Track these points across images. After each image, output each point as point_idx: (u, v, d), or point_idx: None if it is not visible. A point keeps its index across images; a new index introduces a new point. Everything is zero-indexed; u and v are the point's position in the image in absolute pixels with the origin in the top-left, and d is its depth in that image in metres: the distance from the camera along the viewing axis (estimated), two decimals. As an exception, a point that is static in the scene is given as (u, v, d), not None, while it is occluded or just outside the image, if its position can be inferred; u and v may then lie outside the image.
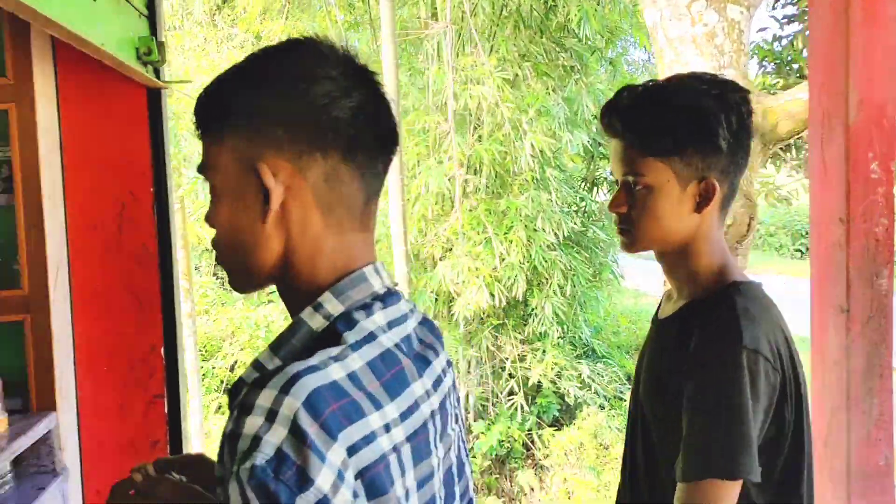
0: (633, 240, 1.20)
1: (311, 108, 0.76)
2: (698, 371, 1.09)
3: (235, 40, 8.78)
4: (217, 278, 10.35)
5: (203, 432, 7.59)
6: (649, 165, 1.15)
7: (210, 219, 0.81)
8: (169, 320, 2.34)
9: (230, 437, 0.67)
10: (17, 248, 2.12)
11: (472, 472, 0.95)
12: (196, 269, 10.20)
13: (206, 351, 9.37)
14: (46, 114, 2.13)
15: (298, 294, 0.79)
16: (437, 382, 0.86)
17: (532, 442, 8.17)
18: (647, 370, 1.25)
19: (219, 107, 0.79)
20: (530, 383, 8.06)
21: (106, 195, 2.29)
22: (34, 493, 1.65)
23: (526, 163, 7.43)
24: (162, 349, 2.33)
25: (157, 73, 2.25)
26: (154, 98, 2.28)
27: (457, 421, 0.90)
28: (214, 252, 0.83)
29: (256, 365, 0.76)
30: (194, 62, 8.27)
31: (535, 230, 7.60)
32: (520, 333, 8.28)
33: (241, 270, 0.81)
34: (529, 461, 8.17)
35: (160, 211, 2.34)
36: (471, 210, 7.75)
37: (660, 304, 1.33)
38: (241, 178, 0.77)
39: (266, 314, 9.27)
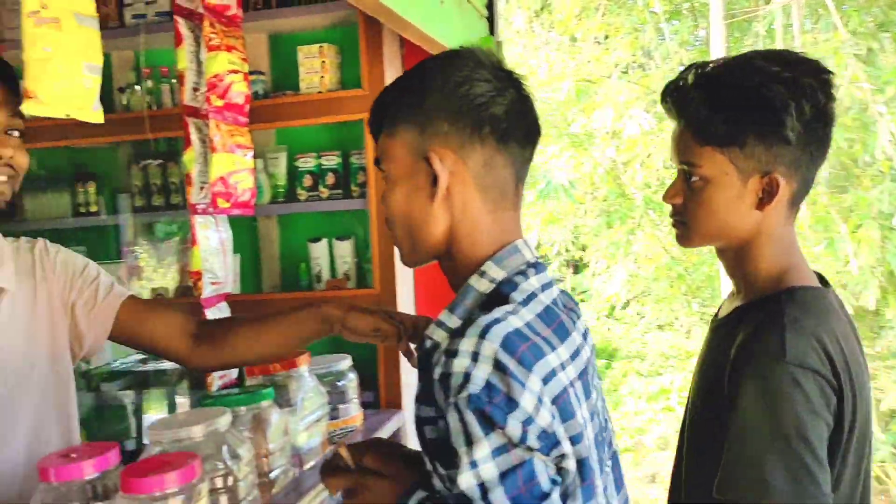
0: (686, 233, 1.13)
1: (471, 105, 0.90)
2: (739, 386, 1.00)
3: (551, 45, 8.85)
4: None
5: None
6: (706, 156, 1.06)
7: (386, 202, 0.96)
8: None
9: (442, 378, 0.82)
10: (369, 249, 2.27)
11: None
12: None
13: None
14: (395, 122, 2.24)
15: (459, 265, 0.94)
16: (586, 335, 1.01)
17: (887, 476, 6.99)
18: (697, 374, 1.18)
19: (395, 107, 0.95)
20: (883, 406, 6.89)
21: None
22: (387, 488, 1.71)
23: (882, 150, 6.36)
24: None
25: (493, 73, 2.25)
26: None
27: (598, 377, 1.03)
28: (390, 230, 0.99)
29: (438, 322, 0.92)
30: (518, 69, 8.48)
31: (891, 229, 6.48)
32: (869, 348, 7.14)
33: (411, 245, 0.96)
34: (884, 498, 7.00)
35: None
36: (813, 204, 6.86)
37: (722, 303, 1.24)
38: (413, 165, 0.93)
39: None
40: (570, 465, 0.83)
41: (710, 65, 1.09)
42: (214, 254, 1.57)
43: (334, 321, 1.27)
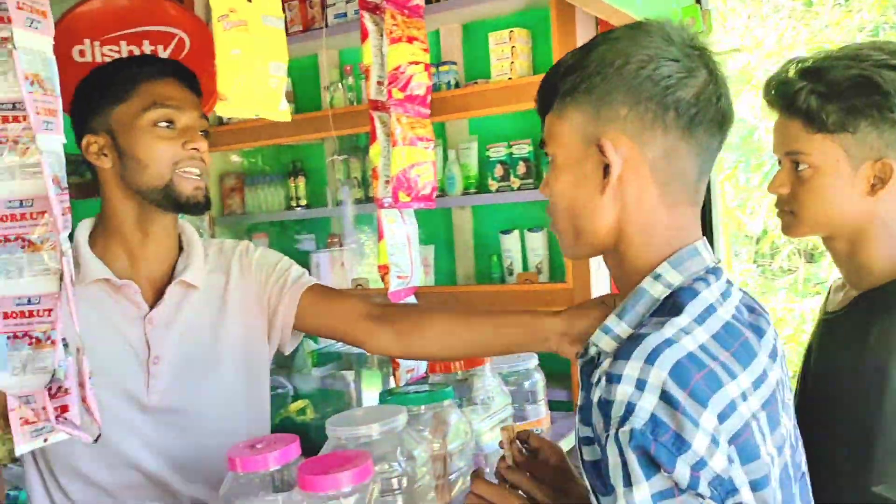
0: (795, 223, 1.13)
1: (656, 88, 0.80)
2: (888, 374, 1.00)
3: (781, 12, 8.05)
4: (757, 266, 9.79)
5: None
6: (816, 143, 1.06)
7: (549, 188, 0.89)
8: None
9: (602, 404, 0.74)
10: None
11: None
12: (735, 255, 9.80)
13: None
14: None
15: (628, 265, 0.86)
16: (773, 352, 0.89)
17: None
18: (817, 370, 1.16)
19: (567, 85, 0.85)
20: None
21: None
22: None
23: None
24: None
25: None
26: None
27: (790, 390, 0.93)
28: (551, 217, 0.91)
29: (605, 329, 0.83)
30: (738, 41, 7.86)
31: None
32: None
33: (573, 236, 0.88)
34: None
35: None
36: None
37: (827, 295, 1.23)
38: (583, 151, 0.84)
39: (813, 307, 8.36)
40: None
41: (811, 59, 1.10)
42: (400, 248, 1.56)
43: (551, 335, 1.16)
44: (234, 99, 1.25)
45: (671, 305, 0.80)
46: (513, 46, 2.19)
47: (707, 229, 2.14)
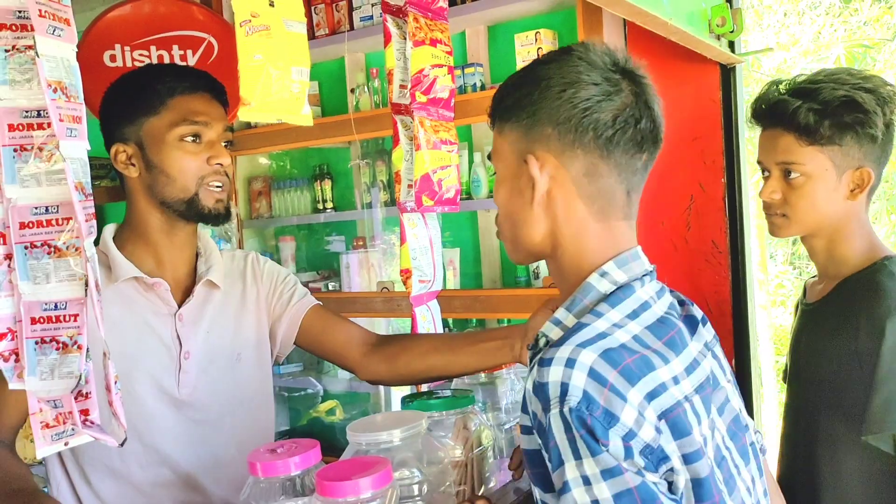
0: (787, 225, 1.29)
1: (574, 110, 0.85)
2: (882, 337, 1.17)
3: (819, 8, 7.90)
4: (794, 268, 9.61)
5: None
6: (809, 155, 1.23)
7: (495, 198, 0.96)
8: (739, 323, 2.08)
9: (537, 387, 0.79)
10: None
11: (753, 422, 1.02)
12: (771, 257, 9.64)
13: (783, 343, 8.79)
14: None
15: (566, 270, 0.92)
16: (707, 345, 0.96)
17: None
18: (809, 354, 1.33)
19: (505, 103, 0.91)
20: None
21: (674, 188, 2.14)
22: None
23: None
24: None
25: (731, 46, 1.99)
26: (727, 75, 2.04)
27: (726, 375, 0.98)
28: (497, 226, 0.99)
29: (554, 320, 0.89)
30: (774, 38, 7.72)
31: None
32: None
33: (513, 243, 0.95)
34: None
35: (731, 203, 2.08)
36: None
37: (804, 291, 1.42)
38: (517, 166, 0.90)
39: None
40: (680, 481, 0.78)
41: (799, 81, 1.28)
42: (423, 251, 1.55)
43: (517, 343, 1.29)
44: (256, 104, 1.26)
45: (613, 299, 0.86)
46: (539, 48, 2.18)
47: (739, 232, 2.10)
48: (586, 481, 0.75)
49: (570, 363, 0.77)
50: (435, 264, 1.58)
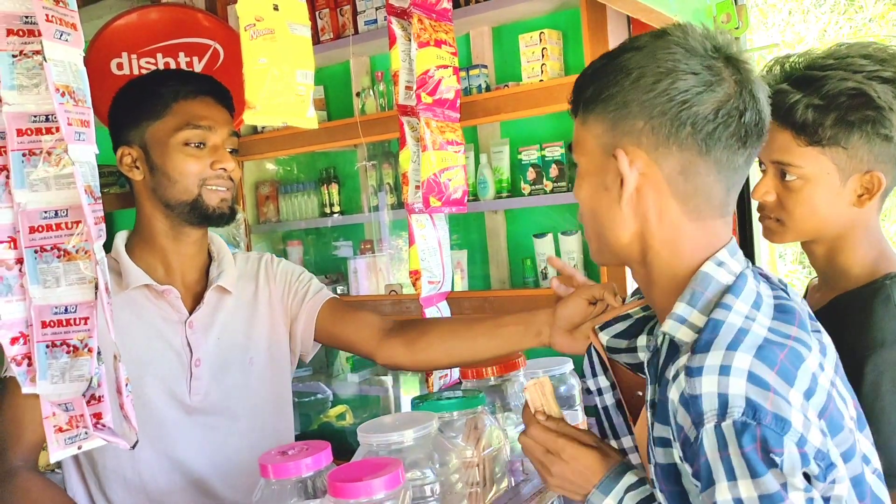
0: (782, 231, 1.13)
1: (671, 103, 0.77)
2: (878, 373, 1.01)
3: (824, 6, 7.87)
4: (803, 267, 9.55)
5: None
6: (808, 156, 1.05)
7: (576, 193, 0.89)
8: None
9: (688, 401, 0.71)
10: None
11: None
12: (780, 256, 9.58)
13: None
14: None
15: (658, 275, 0.84)
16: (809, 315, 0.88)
17: None
18: None
19: (588, 93, 0.84)
20: None
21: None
22: None
23: None
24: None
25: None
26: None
27: None
28: (580, 222, 0.92)
29: (677, 318, 0.80)
30: (779, 36, 7.70)
31: None
32: None
33: (598, 244, 0.89)
34: None
35: (739, 202, 2.07)
36: None
37: (805, 294, 1.25)
38: (603, 161, 0.83)
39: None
40: (843, 490, 0.71)
41: (802, 63, 1.08)
42: (431, 252, 1.55)
43: (543, 328, 1.23)
44: (261, 107, 1.26)
45: (726, 293, 0.79)
46: (544, 48, 2.17)
47: (748, 232, 2.09)
48: (738, 503, 0.68)
49: (725, 370, 0.70)
50: (444, 265, 1.58)
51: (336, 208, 2.81)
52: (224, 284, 1.38)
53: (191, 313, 1.34)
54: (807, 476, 0.69)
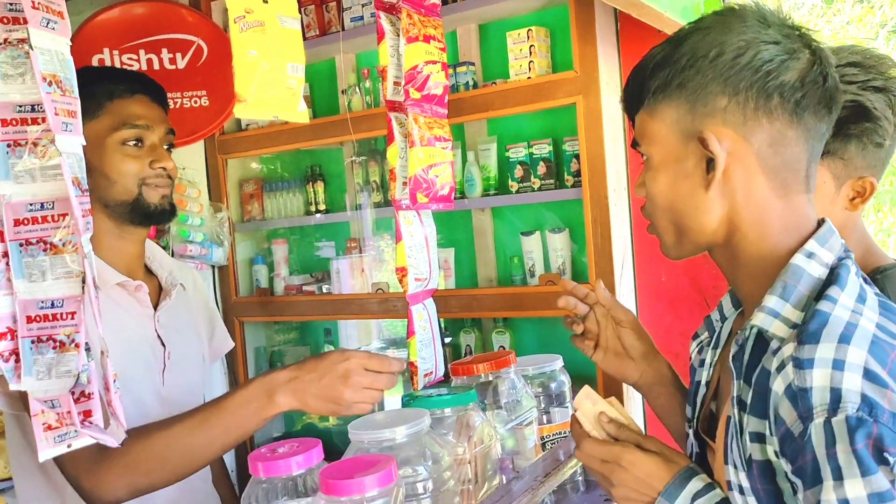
0: None
1: (756, 75, 0.77)
2: None
3: (803, 7, 7.96)
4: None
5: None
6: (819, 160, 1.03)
7: (644, 188, 0.87)
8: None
9: (796, 393, 0.68)
10: (584, 242, 2.13)
11: None
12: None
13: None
14: (611, 104, 2.08)
15: (746, 257, 0.82)
16: None
17: None
18: None
19: (657, 83, 0.82)
20: None
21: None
22: (602, 502, 1.58)
23: None
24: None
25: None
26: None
27: None
28: (648, 219, 0.89)
29: (770, 311, 0.78)
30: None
31: None
32: None
33: (676, 236, 0.86)
34: None
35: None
36: None
37: None
38: (681, 148, 0.82)
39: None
40: None
41: None
42: (418, 250, 1.53)
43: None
44: (252, 100, 1.25)
45: (835, 282, 0.77)
46: (531, 45, 2.17)
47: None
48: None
49: (839, 364, 0.68)
50: (430, 262, 1.57)
51: (322, 206, 2.79)
52: (182, 282, 1.44)
53: (156, 308, 1.38)
54: None
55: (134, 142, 1.29)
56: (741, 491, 0.79)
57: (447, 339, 2.55)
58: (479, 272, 2.49)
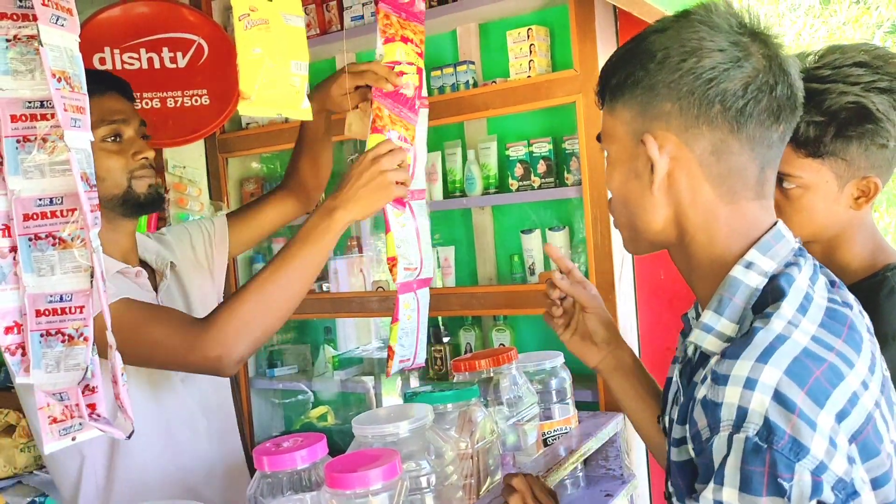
0: None
1: (698, 81, 0.77)
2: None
3: (799, 9, 7.99)
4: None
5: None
6: (807, 167, 1.08)
7: (607, 183, 0.89)
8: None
9: (708, 405, 0.70)
10: (584, 240, 2.14)
11: None
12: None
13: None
14: (610, 102, 2.08)
15: (696, 258, 0.83)
16: (869, 331, 0.84)
17: None
18: None
19: (615, 79, 0.84)
20: None
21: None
22: (602, 498, 1.59)
23: None
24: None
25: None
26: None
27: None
28: (611, 214, 0.91)
29: (705, 327, 0.79)
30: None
31: None
32: None
33: (631, 232, 0.88)
34: None
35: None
36: None
37: None
38: (632, 148, 0.83)
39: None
40: None
41: (802, 74, 1.02)
42: (409, 240, 1.54)
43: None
44: (256, 98, 1.26)
45: (771, 295, 0.76)
46: (531, 44, 2.18)
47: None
48: None
49: (751, 383, 0.67)
50: (422, 252, 1.57)
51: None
52: (174, 261, 1.49)
53: (155, 291, 1.43)
54: None
55: (113, 137, 1.34)
56: (673, 484, 0.82)
57: (446, 339, 2.56)
58: (479, 270, 2.50)
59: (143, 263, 1.47)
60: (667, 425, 0.96)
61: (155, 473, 1.36)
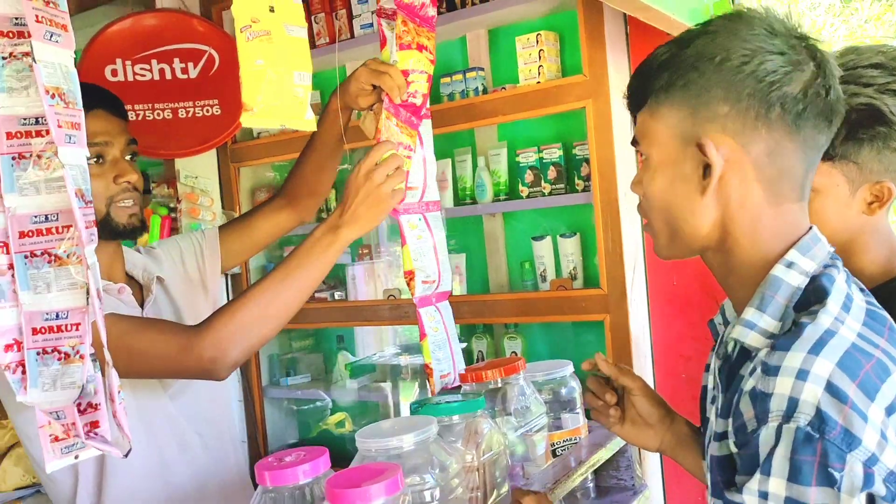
0: None
1: (760, 84, 0.77)
2: None
3: (819, 7, 7.90)
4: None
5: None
6: (818, 170, 0.96)
7: (641, 186, 0.87)
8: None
9: (758, 395, 0.70)
10: (595, 246, 2.12)
11: None
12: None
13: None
14: (621, 108, 2.06)
15: (737, 262, 0.82)
16: None
17: None
18: None
19: (659, 83, 0.82)
20: None
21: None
22: (613, 510, 1.57)
23: None
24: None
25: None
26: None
27: None
28: (644, 217, 0.90)
29: (747, 324, 0.79)
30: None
31: None
32: None
33: (669, 237, 0.86)
34: None
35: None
36: None
37: None
38: (680, 151, 0.81)
39: None
40: None
41: None
42: (425, 252, 1.53)
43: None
44: (259, 110, 1.25)
45: (814, 294, 0.76)
46: (541, 50, 2.16)
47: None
48: (763, 496, 0.68)
49: (803, 374, 0.68)
50: (440, 265, 1.56)
51: (323, 215, 2.79)
52: (161, 275, 1.46)
53: (141, 307, 1.41)
54: (872, 497, 0.67)
55: (95, 159, 1.29)
56: (712, 481, 0.81)
57: (461, 346, 2.55)
58: (491, 277, 2.49)
59: (131, 279, 1.45)
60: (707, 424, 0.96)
61: (145, 493, 1.34)
